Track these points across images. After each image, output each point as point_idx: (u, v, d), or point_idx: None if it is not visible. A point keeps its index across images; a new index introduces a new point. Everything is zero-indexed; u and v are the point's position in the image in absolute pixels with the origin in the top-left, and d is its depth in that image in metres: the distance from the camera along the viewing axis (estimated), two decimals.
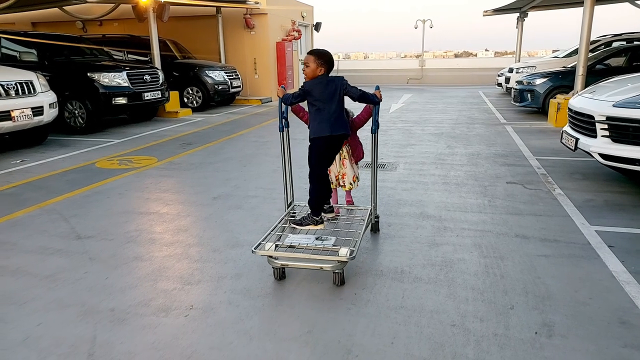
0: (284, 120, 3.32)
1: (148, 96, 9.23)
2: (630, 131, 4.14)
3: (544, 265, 3.06)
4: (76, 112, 8.47)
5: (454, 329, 2.39)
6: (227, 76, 12.38)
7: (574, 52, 11.51)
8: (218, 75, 12.07)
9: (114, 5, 11.44)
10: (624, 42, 11.82)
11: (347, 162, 3.73)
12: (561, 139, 5.24)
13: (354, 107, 3.50)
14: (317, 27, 18.07)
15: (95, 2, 10.48)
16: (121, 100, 8.62)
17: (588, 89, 5.37)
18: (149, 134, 8.64)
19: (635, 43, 10.86)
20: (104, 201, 4.62)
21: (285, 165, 3.46)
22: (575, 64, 8.48)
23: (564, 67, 10.32)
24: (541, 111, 9.75)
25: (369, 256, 3.28)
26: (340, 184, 3.82)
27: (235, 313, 2.58)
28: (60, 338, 2.38)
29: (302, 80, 3.24)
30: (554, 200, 4.38)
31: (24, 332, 2.43)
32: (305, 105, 3.25)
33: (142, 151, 7.04)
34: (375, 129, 3.33)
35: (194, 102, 12.02)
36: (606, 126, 4.33)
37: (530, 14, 16.19)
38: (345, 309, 2.60)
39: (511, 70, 13.39)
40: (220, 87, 12.06)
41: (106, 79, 8.48)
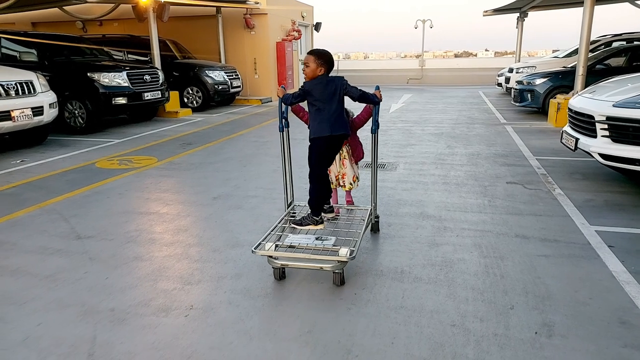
0: (284, 120, 3.32)
1: (148, 96, 9.23)
2: (630, 131, 4.14)
3: (544, 265, 3.06)
4: (76, 112, 8.47)
5: (454, 329, 2.39)
6: (227, 76, 12.38)
7: (574, 52, 11.52)
8: (218, 75, 12.07)
9: (114, 5, 11.44)
10: (624, 42, 11.82)
11: (347, 162, 3.73)
12: (561, 139, 5.24)
13: (353, 107, 3.50)
14: (317, 27, 18.07)
15: (95, 2, 10.48)
16: (121, 100, 8.63)
17: (588, 89, 5.37)
18: (149, 134, 8.64)
19: (635, 43, 10.86)
20: (104, 201, 4.62)
21: (285, 165, 3.45)
22: (575, 64, 8.48)
23: (564, 67, 10.32)
24: (541, 111, 9.75)
25: (369, 256, 3.28)
26: (340, 184, 3.82)
27: (236, 313, 2.58)
28: (60, 338, 2.38)
29: (302, 80, 3.23)
30: (554, 200, 4.38)
31: (24, 332, 2.43)
32: (305, 105, 3.25)
33: (142, 151, 7.04)
34: (375, 129, 3.33)
35: (194, 102, 12.02)
36: (606, 126, 4.33)
37: (530, 14, 16.20)
38: (346, 309, 2.60)
39: (511, 70, 13.40)
40: (220, 87, 12.06)
41: (106, 79, 8.48)
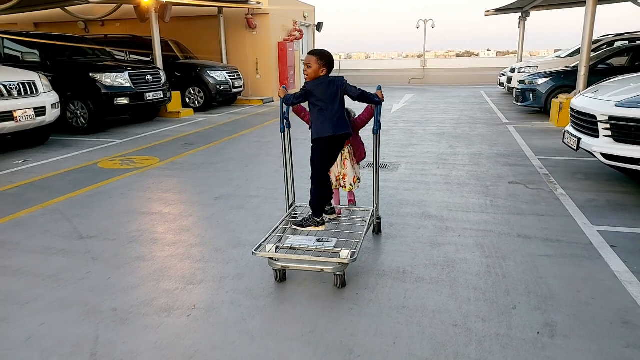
0: (285, 121, 3.32)
1: (150, 96, 9.25)
2: (633, 131, 4.14)
3: (546, 265, 3.05)
4: (78, 112, 8.49)
5: (456, 329, 2.39)
6: (229, 76, 12.39)
7: (576, 52, 11.49)
8: (220, 76, 12.08)
9: (116, 5, 11.45)
10: (626, 42, 11.79)
11: (348, 162, 3.72)
12: (563, 139, 5.23)
13: (355, 107, 3.50)
14: (318, 27, 18.08)
15: (97, 3, 10.50)
16: (123, 101, 8.64)
17: (590, 88, 5.36)
18: (151, 134, 8.65)
19: (638, 43, 10.83)
20: (106, 201, 4.63)
21: (287, 166, 3.45)
22: (578, 64, 8.47)
23: (566, 66, 10.30)
24: (543, 111, 9.73)
25: (371, 256, 3.28)
26: (340, 184, 3.80)
27: (238, 313, 2.58)
28: (62, 338, 2.38)
29: (304, 80, 3.23)
30: (556, 200, 4.37)
31: (27, 332, 2.44)
32: (307, 106, 3.25)
33: (144, 151, 7.05)
34: (377, 129, 3.32)
35: (196, 102, 12.03)
36: (608, 126, 4.33)
37: (532, 13, 16.18)
38: (347, 309, 2.60)
39: (513, 70, 13.38)
40: (222, 88, 12.07)
41: (108, 79, 8.50)
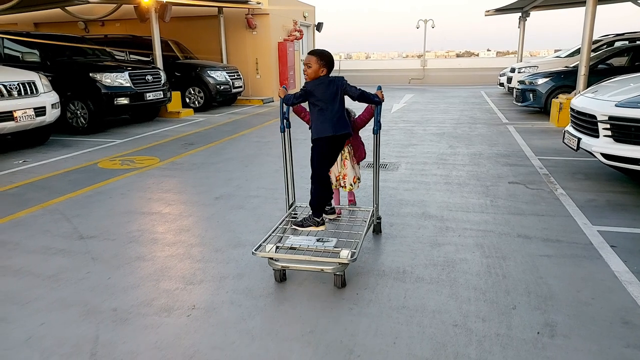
0: (285, 121, 3.32)
1: (150, 96, 9.25)
2: (633, 131, 4.14)
3: (546, 266, 3.05)
4: (78, 112, 8.49)
5: (456, 329, 2.39)
6: (229, 76, 12.39)
7: (576, 52, 11.49)
8: (220, 76, 12.08)
9: (116, 5, 11.45)
10: (626, 42, 11.79)
11: (348, 162, 3.72)
12: (563, 139, 5.23)
13: (355, 107, 3.50)
14: (318, 27, 18.08)
15: (97, 3, 10.50)
16: (123, 101, 8.64)
17: (590, 88, 5.36)
18: (151, 134, 8.66)
19: (638, 43, 10.83)
20: (106, 201, 4.63)
21: (287, 166, 3.45)
22: (578, 64, 8.47)
23: (566, 66, 10.30)
24: (543, 111, 9.73)
25: (371, 256, 3.28)
26: (340, 184, 3.80)
27: (238, 313, 2.58)
28: (62, 338, 2.38)
29: (304, 80, 3.23)
30: (556, 200, 4.37)
31: (27, 332, 2.44)
32: (307, 106, 3.25)
33: (144, 151, 7.05)
34: (377, 129, 3.32)
35: (196, 102, 12.03)
36: (608, 126, 4.33)
37: (532, 13, 16.18)
38: (347, 309, 2.60)
39: (513, 70, 13.38)
40: (222, 88, 12.07)
41: (108, 79, 8.50)
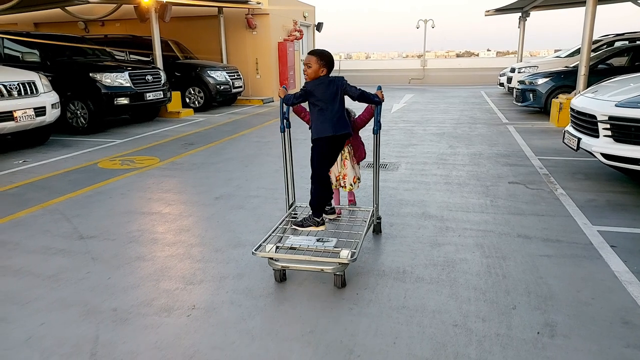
0: (285, 121, 3.32)
1: (150, 96, 9.25)
2: (633, 131, 4.14)
3: (546, 266, 3.05)
4: (78, 112, 8.49)
5: (456, 329, 2.39)
6: (229, 76, 12.39)
7: (576, 52, 11.49)
8: (220, 76, 12.08)
9: (116, 5, 11.46)
10: (626, 42, 11.79)
11: (348, 162, 3.72)
12: (563, 139, 5.23)
13: (355, 107, 3.50)
14: (318, 27, 18.08)
15: (97, 3, 10.50)
16: (123, 101, 8.64)
17: (590, 88, 5.36)
18: (151, 134, 8.65)
19: (638, 43, 10.83)
20: (106, 201, 4.63)
21: (287, 166, 3.45)
22: (578, 64, 8.47)
23: (566, 67, 10.30)
24: (543, 111, 9.73)
25: (371, 256, 3.28)
26: (340, 184, 3.80)
27: (238, 313, 2.58)
28: (62, 338, 2.38)
29: (304, 80, 3.23)
30: (556, 200, 4.37)
31: (27, 332, 2.44)
32: (307, 106, 3.25)
33: (144, 151, 7.05)
34: (377, 129, 3.32)
35: (196, 102, 12.03)
36: (608, 126, 4.33)
37: (532, 13, 16.18)
38: (347, 309, 2.60)
39: (513, 70, 13.38)
40: (222, 87, 12.07)
41: (108, 79, 8.50)
